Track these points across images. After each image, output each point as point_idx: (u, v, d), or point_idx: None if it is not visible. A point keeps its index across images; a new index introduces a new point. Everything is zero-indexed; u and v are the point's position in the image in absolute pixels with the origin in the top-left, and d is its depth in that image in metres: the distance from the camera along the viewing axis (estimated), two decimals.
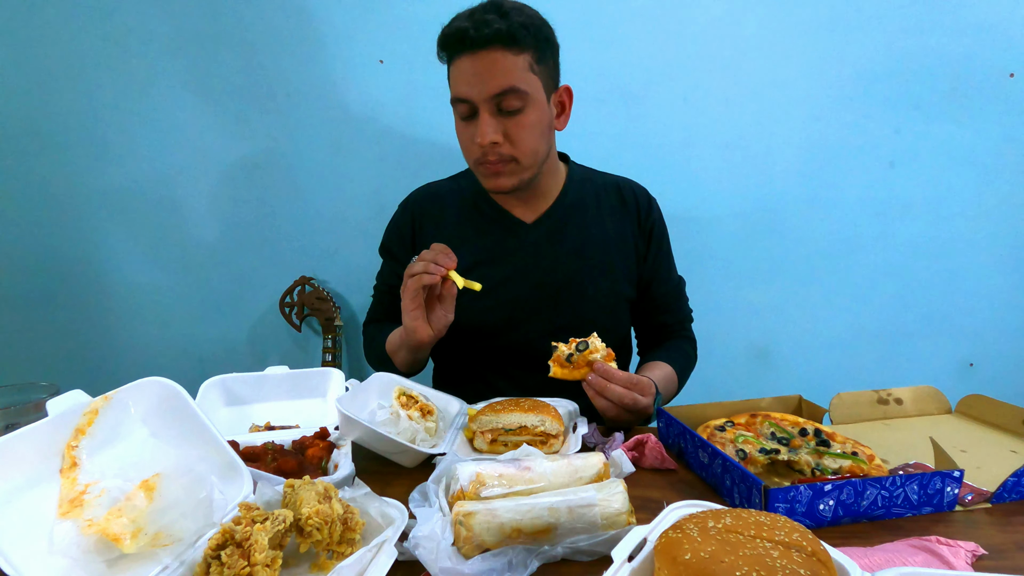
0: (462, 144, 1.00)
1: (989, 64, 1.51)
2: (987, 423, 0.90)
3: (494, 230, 1.10)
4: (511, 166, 0.98)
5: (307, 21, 1.54)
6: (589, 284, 1.08)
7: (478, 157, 0.97)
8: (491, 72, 0.89)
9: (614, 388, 0.83)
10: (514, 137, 0.95)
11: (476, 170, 1.02)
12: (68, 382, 0.62)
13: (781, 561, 0.41)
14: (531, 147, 0.97)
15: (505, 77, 0.90)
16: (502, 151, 0.95)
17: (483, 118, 0.92)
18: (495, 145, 0.94)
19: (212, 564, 0.48)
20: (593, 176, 1.17)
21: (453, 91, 0.95)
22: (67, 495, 0.52)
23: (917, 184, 1.59)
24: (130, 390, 0.59)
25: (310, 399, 0.98)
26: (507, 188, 1.00)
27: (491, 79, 0.90)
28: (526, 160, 0.98)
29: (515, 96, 0.91)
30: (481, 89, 0.90)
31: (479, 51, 0.89)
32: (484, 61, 0.89)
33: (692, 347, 1.19)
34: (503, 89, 0.90)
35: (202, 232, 1.65)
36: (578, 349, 0.85)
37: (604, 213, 1.12)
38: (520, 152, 0.96)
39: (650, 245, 1.14)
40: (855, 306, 1.66)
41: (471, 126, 0.96)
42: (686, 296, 1.22)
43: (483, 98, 0.91)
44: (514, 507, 0.56)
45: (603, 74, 1.54)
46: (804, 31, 1.52)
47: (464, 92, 0.92)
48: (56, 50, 1.53)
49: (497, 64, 0.89)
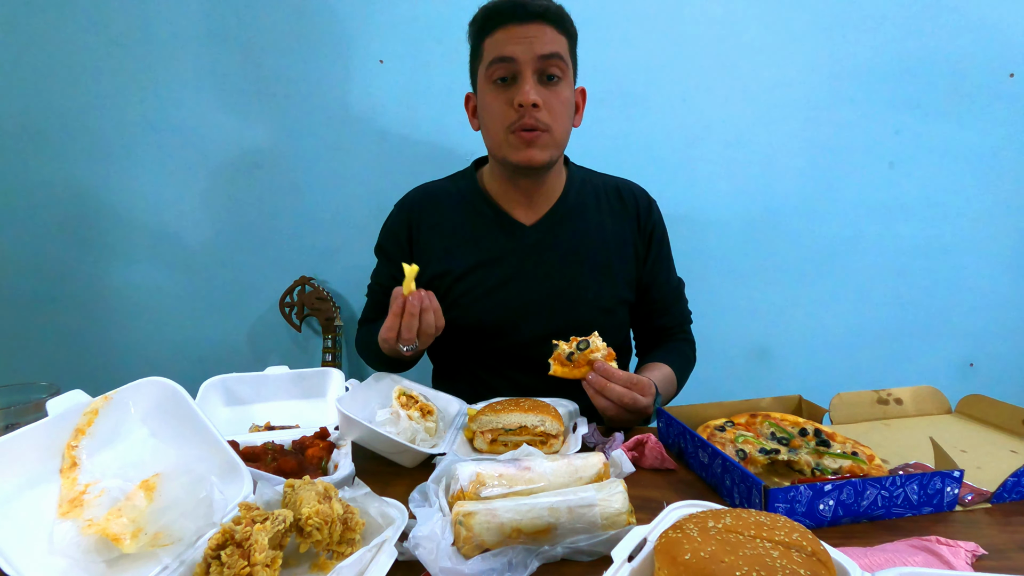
0: (492, 112, 0.97)
1: (989, 64, 1.51)
2: (987, 423, 0.90)
3: (493, 232, 1.08)
4: (545, 137, 0.96)
5: (307, 21, 1.54)
6: (588, 287, 1.07)
7: (513, 122, 0.95)
8: (541, 38, 0.92)
9: (614, 387, 0.83)
10: (553, 106, 0.95)
11: (507, 140, 0.97)
12: (68, 382, 0.62)
13: (781, 561, 0.41)
14: (563, 123, 0.98)
15: (553, 44, 0.93)
16: (540, 116, 0.94)
17: (526, 78, 0.93)
18: (535, 108, 0.93)
19: (212, 564, 0.48)
20: (593, 178, 1.16)
21: (495, 52, 0.94)
22: (67, 495, 0.52)
23: (917, 184, 1.59)
24: (130, 390, 0.59)
25: (310, 399, 0.98)
26: (539, 162, 0.98)
27: (540, 43, 0.92)
28: (558, 134, 0.97)
29: (559, 64, 0.94)
30: (529, 49, 0.92)
31: (530, 22, 0.92)
32: (535, 28, 0.92)
33: (691, 349, 1.18)
34: (551, 52, 0.92)
35: (202, 232, 1.65)
36: (579, 348, 0.85)
37: (604, 215, 1.11)
38: (556, 123, 0.96)
39: (650, 248, 1.13)
40: (855, 306, 1.66)
41: (507, 91, 0.94)
42: (685, 298, 1.21)
43: (530, 57, 0.92)
44: (514, 507, 0.56)
45: (603, 74, 1.54)
46: (804, 31, 1.52)
47: (510, 51, 0.92)
48: (56, 50, 1.53)
49: (547, 33, 0.93)
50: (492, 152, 1.04)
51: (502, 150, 0.99)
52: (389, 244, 1.15)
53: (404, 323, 0.88)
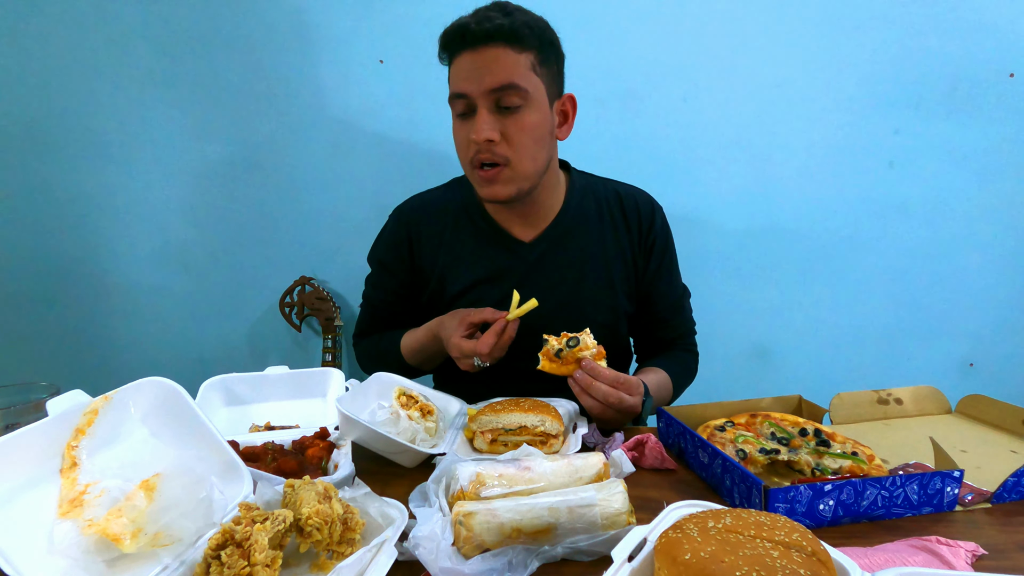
0: (458, 146, 0.96)
1: (989, 64, 1.51)
2: (987, 423, 0.90)
3: (492, 249, 1.06)
4: (506, 172, 0.92)
5: (307, 21, 1.54)
6: (588, 301, 1.06)
7: (472, 157, 0.92)
8: (491, 67, 0.87)
9: (599, 386, 0.81)
10: (512, 137, 0.90)
11: (471, 176, 0.97)
12: (68, 382, 0.62)
13: (781, 561, 0.41)
14: (529, 151, 0.92)
15: (506, 72, 0.87)
16: (497, 150, 0.90)
17: (480, 114, 0.89)
18: (491, 143, 0.89)
19: (212, 564, 0.48)
20: (595, 185, 1.11)
21: (452, 86, 0.92)
22: (67, 495, 0.52)
23: (917, 184, 1.59)
24: (130, 390, 0.59)
25: (310, 399, 0.97)
26: (503, 197, 0.95)
27: (490, 74, 0.87)
28: (522, 165, 0.93)
29: (515, 93, 0.88)
30: (479, 83, 0.87)
31: (480, 47, 0.87)
32: (485, 56, 0.87)
33: (693, 360, 1.16)
34: (503, 84, 0.87)
35: (202, 232, 1.65)
36: (568, 345, 0.84)
37: (605, 227, 1.08)
38: (517, 155, 0.91)
39: (649, 261, 1.09)
40: (855, 306, 1.66)
41: (467, 125, 0.92)
42: (689, 308, 1.18)
43: (481, 92, 0.88)
44: (514, 507, 0.56)
45: (603, 74, 1.54)
46: (804, 31, 1.52)
47: (462, 87, 0.89)
48: (56, 50, 1.53)
49: (499, 60, 0.87)
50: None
51: (473, 183, 0.99)
52: (389, 257, 1.12)
53: (501, 343, 0.91)
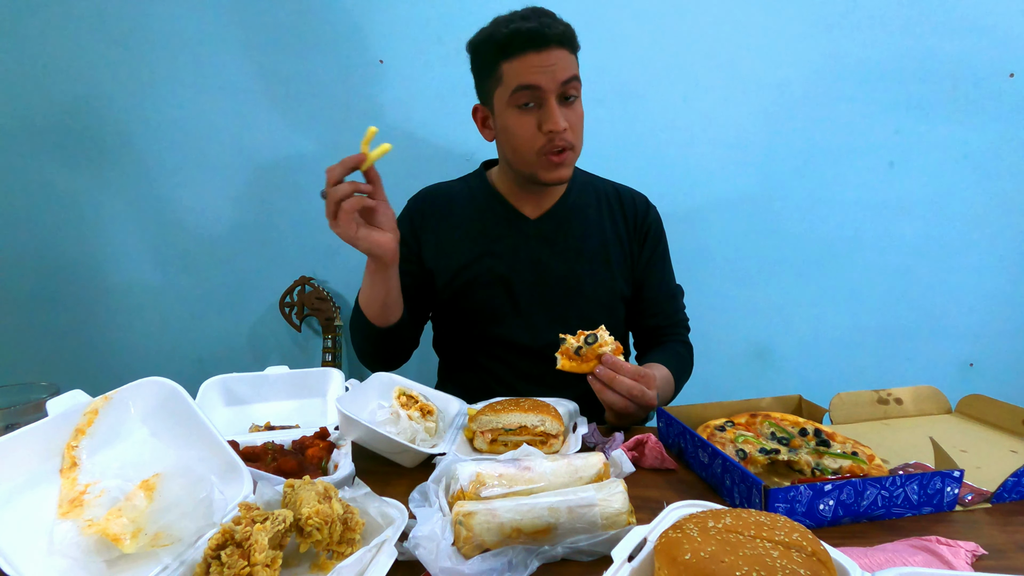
0: (520, 136, 1.01)
1: (989, 64, 1.51)
2: (987, 423, 0.90)
3: (499, 226, 1.13)
4: (570, 155, 1.02)
5: (307, 21, 1.54)
6: (587, 280, 1.12)
7: (543, 146, 1.00)
8: (561, 64, 0.97)
9: (622, 380, 0.83)
10: (574, 125, 1.01)
11: (536, 162, 1.02)
12: (68, 382, 0.62)
13: (781, 561, 0.41)
14: (581, 136, 1.04)
15: (571, 67, 1.00)
16: (567, 137, 1.00)
17: (552, 105, 0.98)
18: (563, 132, 0.99)
19: (212, 564, 0.48)
20: (595, 181, 1.20)
21: (519, 80, 0.97)
22: (67, 495, 0.52)
23: (917, 184, 1.59)
24: (130, 390, 0.59)
25: (310, 399, 0.98)
26: (567, 178, 1.05)
27: (561, 70, 0.97)
28: (579, 148, 1.04)
29: (576, 85, 1.00)
30: (552, 77, 0.97)
31: (546, 48, 0.96)
32: (554, 54, 0.97)
33: (688, 353, 1.18)
34: (571, 76, 0.98)
35: (202, 232, 1.65)
36: (587, 342, 0.84)
37: (603, 215, 1.16)
38: (577, 140, 1.03)
39: (643, 248, 1.17)
40: (855, 306, 1.66)
41: (533, 116, 0.99)
42: (682, 304, 1.22)
43: (555, 85, 0.97)
44: (514, 507, 0.56)
45: (603, 74, 1.54)
46: (804, 31, 1.52)
47: (535, 80, 0.97)
48: (56, 50, 1.53)
49: (564, 58, 0.98)
50: (516, 168, 1.07)
51: (531, 168, 1.04)
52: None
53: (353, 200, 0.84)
